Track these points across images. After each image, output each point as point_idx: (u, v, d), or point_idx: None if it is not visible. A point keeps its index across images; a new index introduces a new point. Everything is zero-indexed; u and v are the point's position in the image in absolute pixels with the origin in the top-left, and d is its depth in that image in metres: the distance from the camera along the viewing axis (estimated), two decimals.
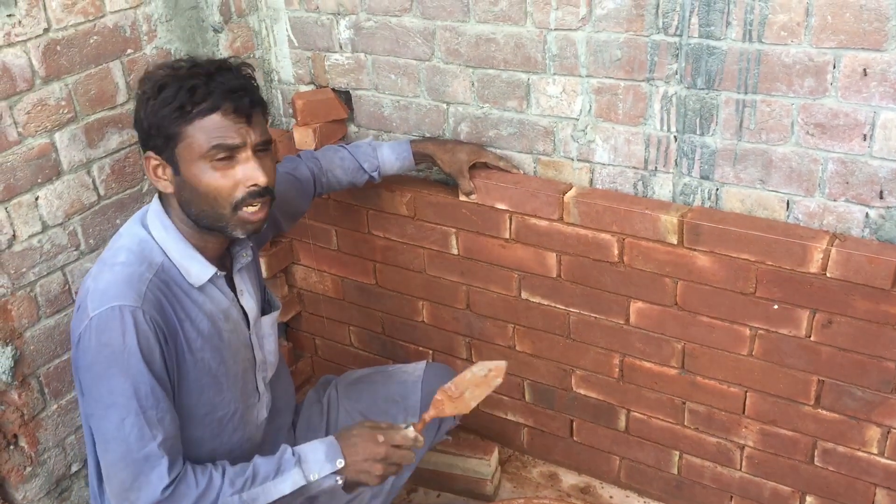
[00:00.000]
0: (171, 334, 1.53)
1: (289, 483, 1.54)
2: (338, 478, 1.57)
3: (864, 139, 1.65)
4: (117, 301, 1.46)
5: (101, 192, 2.01)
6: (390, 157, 2.08)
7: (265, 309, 1.79)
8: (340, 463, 1.57)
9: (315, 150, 2.15)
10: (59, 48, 1.84)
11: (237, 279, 1.69)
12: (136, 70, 2.02)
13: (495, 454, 2.36)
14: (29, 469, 1.96)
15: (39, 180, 1.86)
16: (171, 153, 1.52)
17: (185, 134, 1.49)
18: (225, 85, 1.50)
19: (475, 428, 2.52)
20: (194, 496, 1.48)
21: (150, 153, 1.54)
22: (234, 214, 1.54)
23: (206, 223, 1.56)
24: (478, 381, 1.71)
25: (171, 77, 1.50)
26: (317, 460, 1.57)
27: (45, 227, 1.90)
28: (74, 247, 1.97)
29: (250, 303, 1.71)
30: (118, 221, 2.06)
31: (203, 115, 1.49)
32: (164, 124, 1.49)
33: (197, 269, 1.58)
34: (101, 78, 1.95)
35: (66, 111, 1.88)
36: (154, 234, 1.57)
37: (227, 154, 1.50)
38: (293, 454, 1.58)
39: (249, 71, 1.58)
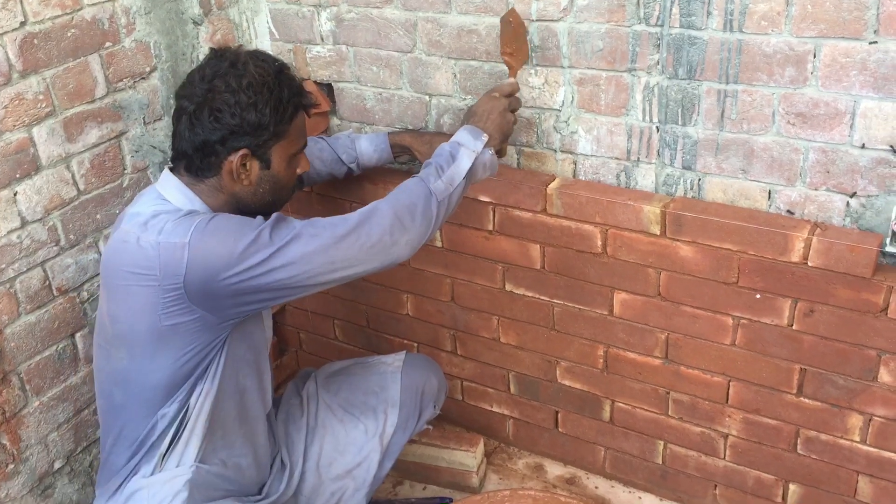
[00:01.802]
0: None
1: (466, 159, 1.72)
2: (490, 150, 1.76)
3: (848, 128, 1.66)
4: (197, 219, 1.54)
5: (81, 187, 1.99)
6: (368, 148, 2.08)
7: None
8: (485, 137, 1.75)
9: None
10: (36, 41, 1.82)
11: None
12: (114, 63, 2.00)
13: (480, 446, 2.36)
14: (11, 466, 1.95)
15: (18, 175, 1.84)
16: (267, 150, 1.61)
17: (287, 132, 1.62)
18: (292, 79, 1.64)
19: (460, 420, 2.53)
20: (407, 193, 1.65)
21: (246, 150, 1.60)
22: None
23: (252, 210, 1.65)
24: (511, 30, 1.87)
25: (265, 73, 1.59)
26: (468, 140, 1.75)
27: (23, 223, 1.88)
28: (54, 242, 1.96)
29: None
30: (98, 216, 2.04)
31: (296, 113, 1.64)
32: (275, 120, 1.59)
33: None
34: (79, 72, 1.93)
35: (44, 105, 1.86)
36: (179, 206, 1.61)
37: (303, 149, 1.71)
38: (452, 143, 1.75)
39: None
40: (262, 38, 2.33)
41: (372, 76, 2.20)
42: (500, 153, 1.86)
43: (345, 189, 2.31)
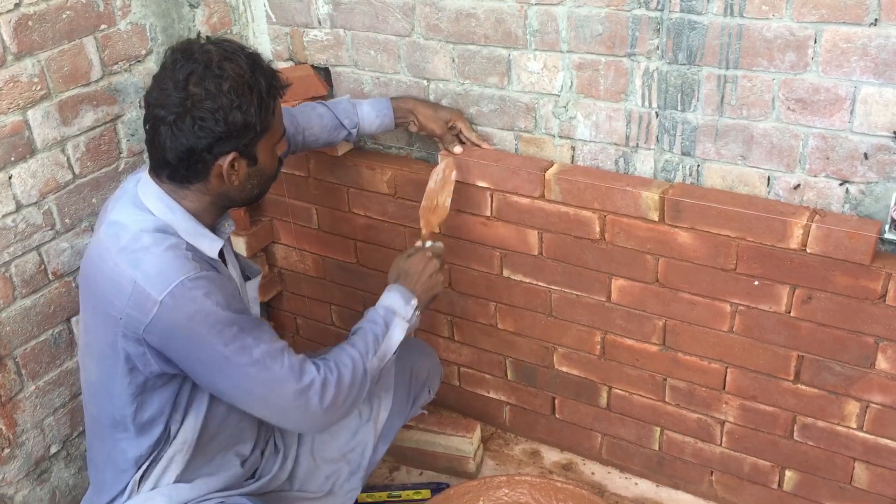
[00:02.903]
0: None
1: (398, 330, 1.75)
2: (417, 312, 1.79)
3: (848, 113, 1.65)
4: (180, 275, 1.49)
5: (77, 171, 1.98)
6: (370, 113, 2.05)
7: (244, 276, 1.81)
8: (414, 301, 1.78)
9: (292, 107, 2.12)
10: (30, 23, 1.80)
11: (224, 249, 1.71)
12: (109, 46, 1.98)
13: (477, 432, 2.36)
14: (7, 451, 1.95)
15: (13, 158, 1.83)
16: (254, 146, 1.56)
17: (272, 123, 1.58)
18: (266, 67, 1.57)
19: (457, 406, 2.53)
20: (350, 370, 1.64)
21: (234, 153, 1.53)
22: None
23: (239, 203, 1.66)
24: (440, 184, 1.98)
25: (243, 72, 1.50)
26: (400, 306, 1.77)
27: (19, 207, 1.87)
28: (50, 226, 1.95)
29: (235, 272, 1.75)
30: (94, 200, 2.03)
31: (275, 101, 1.58)
32: (260, 118, 1.53)
33: (207, 243, 1.61)
34: (74, 54, 1.91)
35: (38, 88, 1.85)
36: (160, 216, 1.56)
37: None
38: (385, 310, 1.76)
39: None
40: (258, 21, 2.31)
41: (370, 60, 2.18)
42: (427, 304, 1.88)
43: (342, 174, 2.30)
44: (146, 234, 1.53)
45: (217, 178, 1.56)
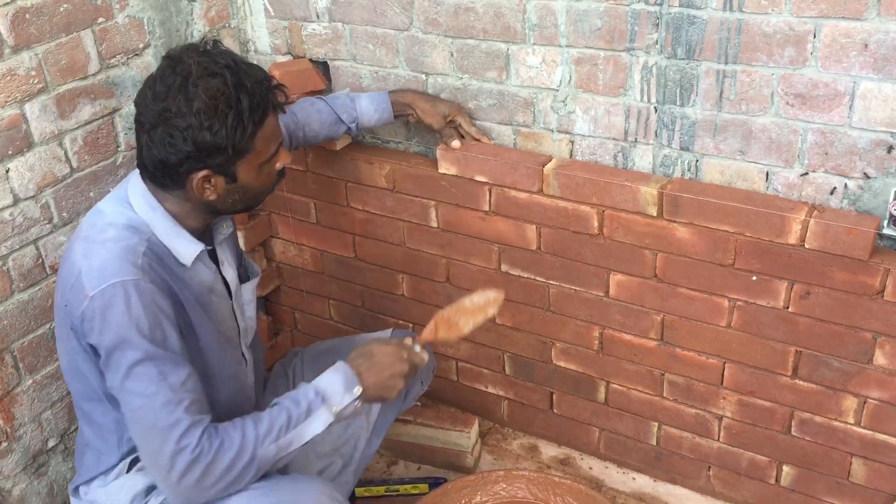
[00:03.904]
0: (174, 301, 1.53)
1: (319, 422, 1.56)
2: (357, 402, 1.60)
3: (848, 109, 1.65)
4: (117, 277, 1.45)
5: (74, 165, 1.98)
6: (369, 107, 2.04)
7: (243, 276, 1.79)
8: (358, 391, 1.59)
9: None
10: (28, 16, 1.79)
11: (219, 251, 1.70)
12: (107, 39, 1.98)
13: (475, 427, 2.36)
14: (4, 444, 1.95)
15: (10, 152, 1.82)
16: (233, 165, 1.51)
17: (253, 145, 1.50)
18: (261, 83, 1.50)
19: (455, 401, 2.53)
20: (232, 454, 1.47)
21: (207, 171, 1.49)
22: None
23: (226, 213, 1.62)
24: (475, 308, 1.76)
25: (218, 92, 1.43)
26: (336, 392, 1.58)
27: (16, 200, 1.86)
28: (47, 220, 1.94)
29: (231, 273, 1.72)
30: (91, 194, 2.02)
31: (263, 121, 1.50)
32: (235, 143, 1.47)
33: (185, 247, 1.57)
34: (71, 47, 1.91)
35: (36, 81, 1.84)
36: (140, 213, 1.55)
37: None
38: (316, 393, 1.57)
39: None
40: (256, 14, 2.31)
41: (368, 54, 2.18)
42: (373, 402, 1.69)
43: (340, 168, 2.29)
44: (112, 228, 1.52)
45: (192, 190, 1.52)
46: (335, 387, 1.59)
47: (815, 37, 1.61)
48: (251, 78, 1.49)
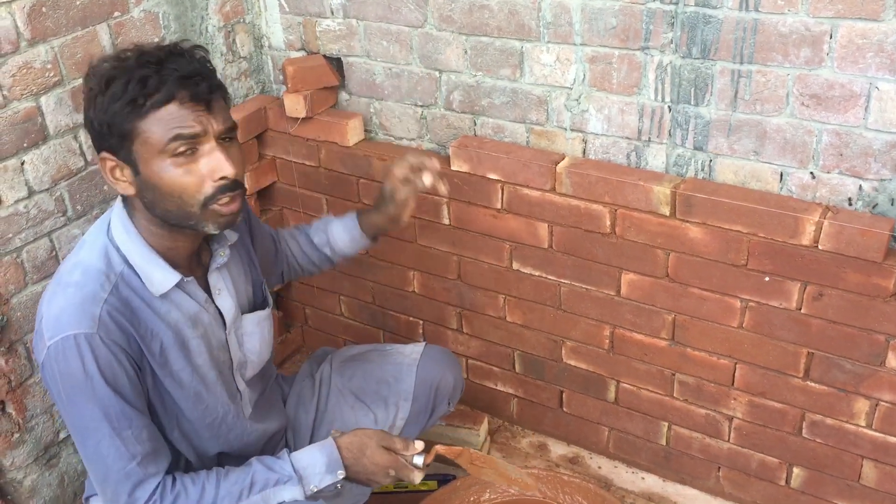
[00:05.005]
0: (135, 352, 1.47)
1: (287, 494, 1.53)
2: (338, 484, 1.57)
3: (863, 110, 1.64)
4: (72, 329, 1.40)
5: (89, 158, 1.99)
6: (339, 229, 1.93)
7: (258, 304, 1.74)
8: (341, 474, 1.56)
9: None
10: (44, 10, 1.80)
11: (213, 278, 1.61)
12: (122, 33, 1.98)
13: (485, 424, 2.36)
14: (17, 436, 1.96)
15: (25, 145, 1.83)
16: (129, 152, 1.40)
17: (140, 129, 1.38)
18: (178, 71, 1.38)
19: (465, 398, 2.52)
20: None
21: (106, 154, 1.43)
22: (205, 211, 1.44)
23: (174, 222, 1.47)
24: (502, 473, 1.72)
25: (119, 69, 1.38)
26: (317, 473, 1.55)
27: (31, 193, 1.87)
28: (61, 213, 1.95)
29: (228, 302, 1.63)
30: (105, 188, 2.03)
31: (158, 106, 1.37)
32: (116, 121, 1.38)
33: (160, 276, 1.49)
34: (87, 41, 1.92)
35: (52, 74, 1.85)
36: (117, 240, 1.49)
37: (189, 146, 1.39)
38: (294, 468, 1.55)
39: (203, 54, 1.46)
40: (271, 10, 2.31)
41: (382, 51, 2.18)
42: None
43: (353, 164, 2.30)
44: (78, 269, 1.46)
45: (110, 182, 1.46)
46: (316, 468, 1.55)
47: (831, 37, 1.60)
48: (171, 62, 1.39)
